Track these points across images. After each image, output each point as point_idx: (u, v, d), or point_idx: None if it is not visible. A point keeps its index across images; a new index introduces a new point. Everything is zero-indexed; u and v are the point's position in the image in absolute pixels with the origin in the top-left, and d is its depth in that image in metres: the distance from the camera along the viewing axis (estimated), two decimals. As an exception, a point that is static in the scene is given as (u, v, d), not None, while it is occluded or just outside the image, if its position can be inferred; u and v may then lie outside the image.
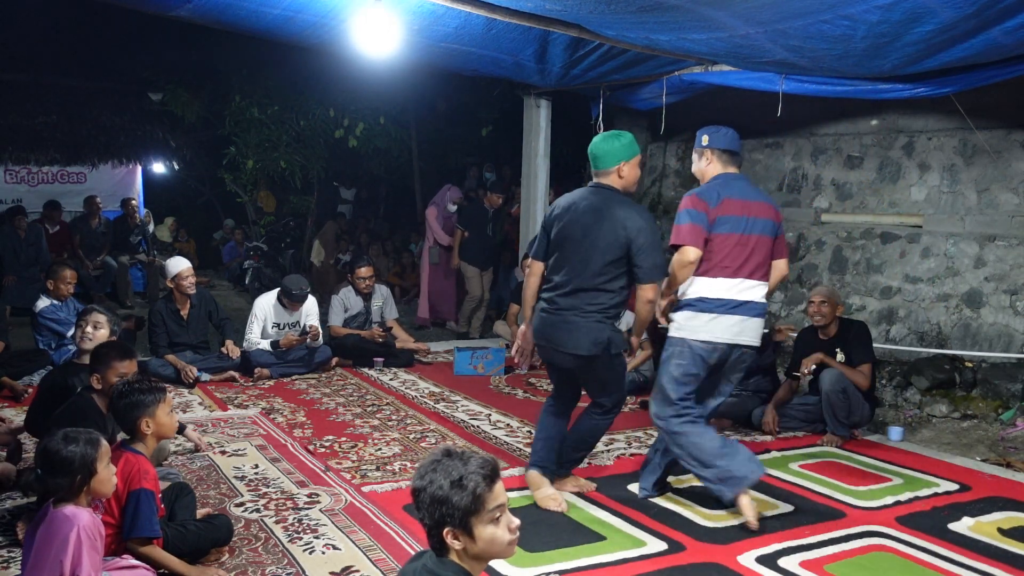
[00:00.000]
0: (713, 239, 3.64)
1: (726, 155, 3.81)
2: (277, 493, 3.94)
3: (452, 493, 1.86)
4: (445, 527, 1.87)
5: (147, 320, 6.47)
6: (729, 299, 3.65)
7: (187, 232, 13.37)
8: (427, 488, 1.88)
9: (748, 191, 3.77)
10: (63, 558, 2.47)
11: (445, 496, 1.86)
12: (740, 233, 3.66)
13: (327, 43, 6.23)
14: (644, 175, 9.33)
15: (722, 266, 3.65)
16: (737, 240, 3.65)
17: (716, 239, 3.64)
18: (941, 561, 3.38)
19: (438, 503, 1.86)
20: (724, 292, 3.65)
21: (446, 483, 1.87)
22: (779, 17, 4.46)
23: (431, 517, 1.88)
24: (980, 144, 6.27)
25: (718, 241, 3.64)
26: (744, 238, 3.66)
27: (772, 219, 3.75)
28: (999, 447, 5.02)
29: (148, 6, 5.69)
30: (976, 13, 3.96)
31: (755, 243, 3.68)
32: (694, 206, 3.66)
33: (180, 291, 6.31)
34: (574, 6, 4.82)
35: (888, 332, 6.85)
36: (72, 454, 2.58)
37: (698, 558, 3.37)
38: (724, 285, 3.65)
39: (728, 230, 3.64)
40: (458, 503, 1.86)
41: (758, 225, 3.70)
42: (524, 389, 6.24)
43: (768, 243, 3.74)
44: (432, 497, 1.87)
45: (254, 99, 10.60)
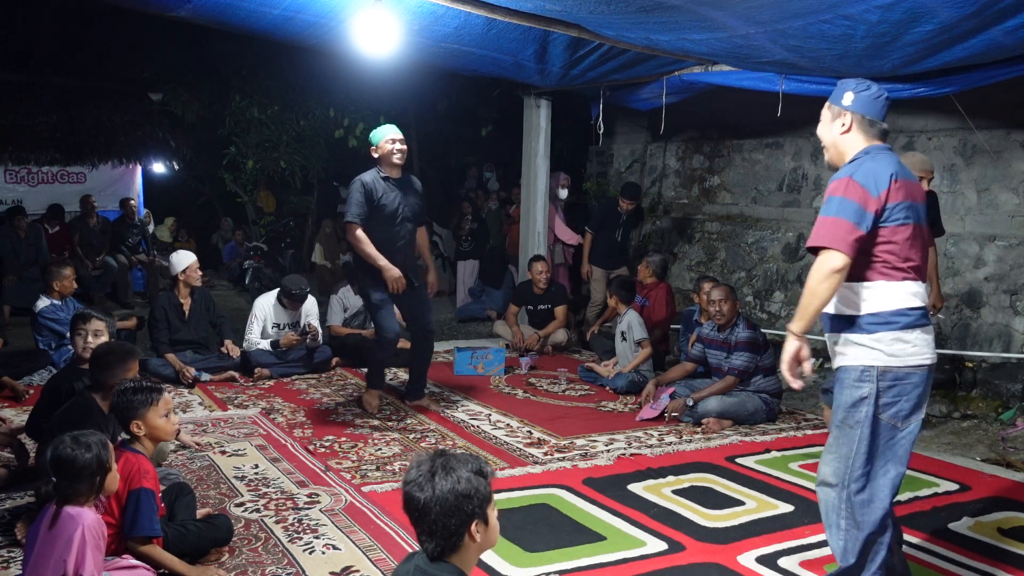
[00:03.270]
0: (891, 234, 2.74)
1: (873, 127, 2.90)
2: (277, 493, 3.94)
3: (478, 483, 1.87)
4: (473, 521, 1.87)
5: (149, 314, 6.47)
6: (923, 308, 2.79)
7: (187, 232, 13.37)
8: (455, 487, 1.85)
9: (906, 170, 2.86)
10: (67, 557, 2.48)
11: (474, 488, 1.86)
12: (914, 224, 2.78)
13: (327, 43, 6.23)
14: (644, 175, 9.35)
15: (911, 268, 2.78)
16: (916, 233, 2.79)
17: (896, 233, 2.74)
18: (941, 561, 3.38)
19: (467, 498, 1.85)
20: (919, 300, 2.78)
21: (471, 475, 1.87)
22: (779, 17, 4.46)
23: (460, 515, 1.85)
24: (980, 144, 6.28)
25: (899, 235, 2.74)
26: (919, 230, 2.81)
27: (923, 202, 2.89)
28: (999, 447, 5.02)
29: (148, 6, 5.70)
30: (976, 13, 3.96)
31: (926, 234, 2.89)
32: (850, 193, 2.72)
33: (189, 283, 6.35)
34: (574, 6, 4.82)
35: (888, 332, 6.85)
36: (89, 460, 2.59)
37: (698, 558, 3.37)
38: (916, 292, 2.78)
39: (904, 219, 2.75)
40: (485, 492, 1.88)
41: (922, 210, 2.85)
42: (524, 389, 6.24)
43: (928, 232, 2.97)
44: (461, 494, 1.85)
45: (254, 99, 10.60)
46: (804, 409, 5.86)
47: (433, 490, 1.86)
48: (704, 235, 8.64)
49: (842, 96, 2.91)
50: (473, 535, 1.88)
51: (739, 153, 8.31)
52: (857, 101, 2.89)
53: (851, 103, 2.89)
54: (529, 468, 4.40)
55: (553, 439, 4.94)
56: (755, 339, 5.27)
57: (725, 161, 8.51)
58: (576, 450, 4.74)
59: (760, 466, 4.55)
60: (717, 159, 8.59)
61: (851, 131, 2.90)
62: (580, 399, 5.98)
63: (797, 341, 2.77)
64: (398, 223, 5.21)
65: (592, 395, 6.10)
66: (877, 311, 2.74)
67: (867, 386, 2.74)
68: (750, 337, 5.25)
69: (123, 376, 3.49)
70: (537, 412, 5.57)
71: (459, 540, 1.88)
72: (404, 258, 5.24)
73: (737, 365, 5.24)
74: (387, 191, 5.17)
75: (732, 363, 5.27)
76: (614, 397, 6.03)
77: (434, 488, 1.86)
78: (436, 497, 1.85)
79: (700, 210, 8.81)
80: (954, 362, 6.24)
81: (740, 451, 4.79)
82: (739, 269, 8.16)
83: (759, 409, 5.32)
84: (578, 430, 5.15)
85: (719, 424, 5.19)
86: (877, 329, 2.73)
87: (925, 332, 2.77)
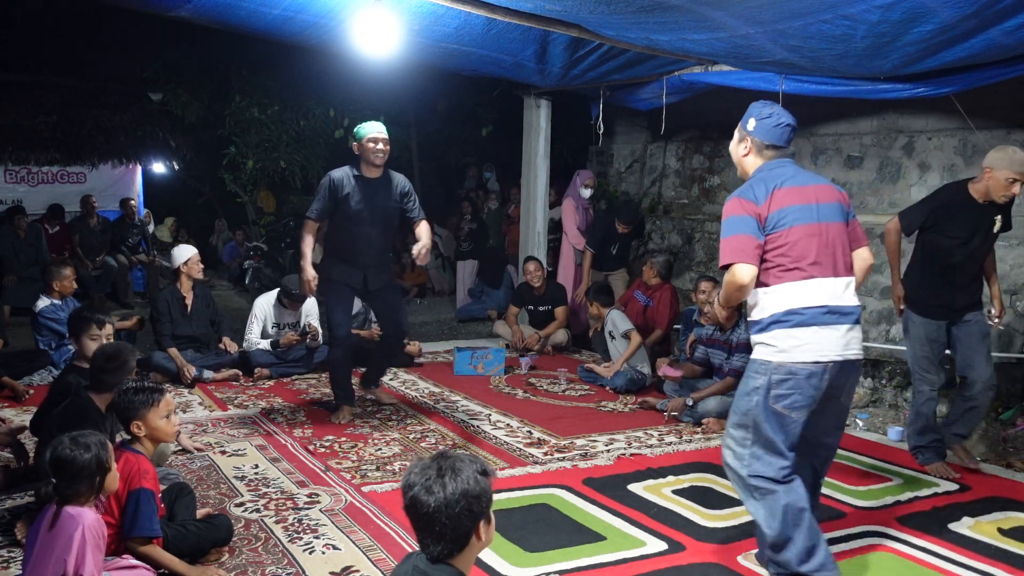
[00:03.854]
0: (783, 236, 2.96)
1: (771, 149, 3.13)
2: (277, 493, 3.94)
3: (485, 483, 1.87)
4: (480, 520, 1.86)
5: (152, 308, 6.46)
6: (829, 306, 2.95)
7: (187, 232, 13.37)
8: (465, 489, 1.83)
9: (802, 175, 3.11)
10: (67, 557, 2.48)
11: (482, 487, 1.86)
12: (813, 223, 2.99)
13: (327, 43, 6.23)
14: (644, 175, 9.34)
15: (807, 264, 2.96)
16: (813, 231, 2.98)
17: (787, 235, 2.96)
18: (941, 561, 3.38)
19: (476, 499, 1.84)
20: (821, 296, 2.95)
21: (477, 475, 1.87)
22: (779, 17, 4.46)
23: (470, 517, 1.84)
24: (980, 144, 6.27)
25: (791, 236, 2.96)
26: (819, 228, 2.99)
27: (838, 202, 3.09)
28: (999, 447, 5.01)
29: (148, 6, 5.69)
30: (976, 13, 3.96)
31: (834, 232, 3.03)
32: (738, 211, 3.02)
33: (191, 275, 6.36)
34: (574, 6, 4.82)
35: (888, 332, 6.85)
36: (88, 461, 2.59)
37: (698, 558, 3.37)
38: (817, 287, 2.96)
39: (796, 220, 2.97)
40: (490, 491, 1.89)
41: (828, 211, 3.03)
42: (524, 389, 6.24)
43: (844, 231, 3.08)
44: (467, 495, 1.83)
45: (254, 99, 10.60)
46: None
47: (444, 493, 1.83)
48: (704, 235, 8.63)
49: (748, 120, 3.15)
50: (480, 535, 1.88)
51: (739, 153, 8.30)
52: (758, 128, 3.13)
53: (752, 129, 3.14)
54: (529, 468, 4.40)
55: (553, 439, 4.94)
56: None
57: (725, 161, 8.50)
58: (576, 450, 4.74)
59: (760, 466, 4.54)
60: (717, 159, 8.59)
61: (750, 154, 3.16)
62: (580, 399, 5.98)
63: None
64: (363, 224, 4.99)
65: (592, 395, 6.10)
66: (772, 312, 2.99)
67: (761, 378, 2.99)
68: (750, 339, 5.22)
69: (122, 376, 3.49)
70: (537, 412, 5.57)
71: (467, 541, 1.87)
72: (367, 260, 5.06)
73: (737, 366, 5.23)
74: (357, 190, 4.96)
75: (732, 364, 5.28)
76: (614, 397, 6.04)
77: (444, 490, 1.83)
78: (447, 499, 1.82)
79: (700, 210, 8.80)
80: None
81: (740, 451, 4.78)
82: (739, 269, 8.15)
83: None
84: (578, 430, 5.15)
85: (719, 424, 5.19)
86: (773, 328, 2.99)
87: (825, 329, 2.93)
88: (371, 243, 5.04)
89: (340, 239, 5.05)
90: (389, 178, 5.09)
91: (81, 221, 10.15)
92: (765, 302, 3.02)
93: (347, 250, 5.04)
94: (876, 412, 5.78)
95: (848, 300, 3.01)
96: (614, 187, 9.25)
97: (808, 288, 2.95)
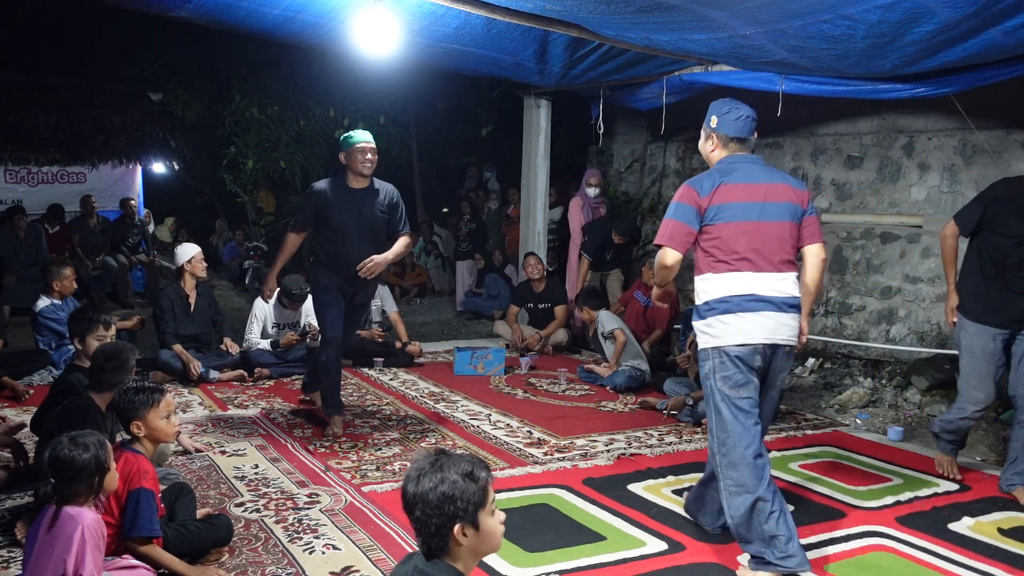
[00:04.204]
0: (717, 230, 3.21)
1: (735, 142, 3.37)
2: (277, 493, 3.94)
3: (466, 487, 1.87)
4: (456, 523, 1.87)
5: (155, 306, 6.46)
6: (755, 295, 3.19)
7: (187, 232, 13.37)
8: (437, 487, 1.87)
9: (758, 172, 3.30)
10: (66, 557, 2.48)
11: (461, 491, 1.87)
12: (750, 221, 3.21)
13: (327, 43, 6.23)
14: (644, 175, 9.34)
15: (738, 259, 3.20)
16: (748, 229, 3.20)
17: (721, 230, 3.20)
18: (941, 561, 3.38)
19: (450, 500, 1.86)
20: (748, 287, 3.19)
21: (458, 478, 1.88)
22: (779, 17, 4.46)
23: (441, 516, 1.86)
24: (980, 144, 6.27)
25: (725, 232, 3.20)
26: (756, 226, 3.21)
27: (791, 201, 3.27)
28: (999, 447, 5.02)
29: (148, 6, 5.70)
30: (976, 13, 3.96)
31: (774, 231, 3.23)
32: (681, 198, 3.27)
33: (194, 273, 6.35)
34: (574, 6, 4.82)
35: (888, 332, 6.85)
36: (87, 461, 2.58)
37: (698, 558, 3.37)
38: (746, 279, 3.19)
39: (731, 218, 3.20)
40: (471, 497, 1.88)
41: (774, 210, 3.24)
42: (524, 389, 6.24)
43: (789, 230, 3.27)
44: (443, 495, 1.86)
45: (254, 99, 10.61)
46: (804, 409, 5.86)
47: (418, 487, 1.89)
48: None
49: (710, 119, 3.40)
50: (457, 538, 1.88)
51: (739, 153, 8.30)
52: (721, 123, 3.37)
53: (716, 125, 3.38)
54: (529, 468, 4.40)
55: (553, 439, 4.94)
56: None
57: (725, 161, 8.49)
58: (576, 450, 4.74)
59: (760, 466, 4.54)
60: (717, 159, 8.59)
61: (717, 148, 3.40)
62: (580, 399, 5.98)
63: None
64: (350, 236, 4.83)
65: (592, 395, 6.10)
66: (707, 299, 3.27)
67: (708, 363, 3.28)
68: None
69: (122, 376, 3.49)
70: (537, 412, 5.57)
71: (443, 541, 1.89)
72: (354, 273, 4.83)
73: None
74: (341, 202, 4.80)
75: None
76: (614, 397, 6.04)
77: (419, 485, 1.89)
78: (419, 494, 1.88)
79: (700, 210, 8.80)
80: (954, 362, 6.23)
81: (740, 451, 4.78)
82: (739, 269, 8.16)
83: None
84: (578, 430, 5.15)
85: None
86: (708, 315, 3.26)
87: (749, 314, 3.18)
88: (359, 254, 4.82)
89: (327, 251, 4.91)
90: (376, 188, 4.92)
91: (81, 221, 10.15)
92: (702, 288, 3.30)
93: (335, 261, 4.88)
94: (876, 412, 5.77)
95: (779, 291, 3.21)
96: (614, 187, 9.26)
97: (734, 280, 3.20)
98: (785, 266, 3.25)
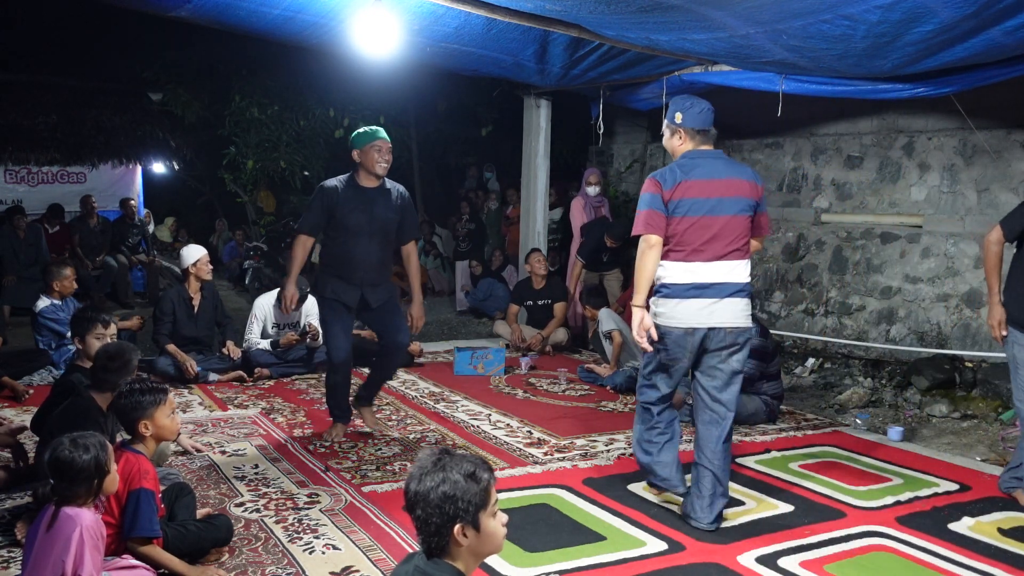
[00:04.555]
0: (674, 223, 3.56)
1: (699, 133, 3.66)
2: (277, 493, 3.94)
3: (468, 487, 1.88)
4: (456, 523, 1.87)
5: (155, 307, 6.45)
6: (693, 283, 3.56)
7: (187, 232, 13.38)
8: (439, 486, 1.87)
9: (719, 167, 3.62)
10: (65, 558, 2.48)
11: (462, 491, 1.87)
12: (705, 215, 3.54)
13: (327, 43, 6.23)
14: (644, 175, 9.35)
15: (685, 250, 3.56)
16: (703, 223, 3.54)
17: (678, 223, 3.56)
18: (941, 561, 3.38)
19: (450, 500, 1.86)
20: (688, 276, 3.56)
21: (460, 478, 1.88)
22: (779, 17, 4.46)
23: (441, 515, 1.87)
24: (980, 144, 6.28)
25: (681, 224, 3.56)
26: (710, 220, 3.54)
27: (747, 196, 3.61)
28: (999, 447, 5.01)
29: (148, 6, 5.70)
30: (976, 13, 3.96)
31: (725, 224, 3.56)
32: (648, 189, 3.62)
33: (199, 276, 6.32)
34: (574, 6, 4.82)
35: (888, 332, 6.85)
36: (87, 462, 2.58)
37: (698, 558, 3.37)
38: (687, 269, 3.56)
39: (688, 212, 3.54)
40: (472, 498, 1.88)
41: (729, 204, 3.57)
42: (524, 389, 6.24)
43: (742, 223, 3.61)
44: (444, 495, 1.87)
45: (254, 99, 10.60)
46: (804, 409, 5.86)
47: (419, 485, 1.89)
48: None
49: (674, 116, 3.69)
50: (457, 538, 1.88)
51: (739, 153, 8.31)
52: (686, 118, 3.66)
53: (681, 121, 3.66)
54: (529, 468, 4.40)
55: (553, 439, 4.94)
56: (764, 347, 5.18)
57: (725, 161, 8.50)
58: (576, 450, 4.74)
59: (760, 466, 4.55)
60: (717, 159, 8.59)
61: (684, 142, 3.70)
62: (580, 399, 5.98)
63: (640, 312, 3.60)
64: (360, 237, 4.60)
65: (592, 395, 6.10)
66: (661, 283, 3.66)
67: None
68: (759, 346, 5.11)
69: (125, 376, 3.49)
70: (537, 412, 5.57)
71: (443, 540, 1.89)
72: (365, 276, 4.63)
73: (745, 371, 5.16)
74: (353, 201, 4.57)
75: None
76: (614, 397, 6.03)
77: (421, 484, 1.89)
78: (421, 493, 1.89)
79: (700, 210, 8.81)
80: (954, 362, 6.24)
81: (740, 451, 4.78)
82: (739, 269, 8.16)
83: (759, 411, 5.30)
84: (578, 430, 5.15)
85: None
86: (656, 296, 3.68)
87: (687, 301, 3.58)
88: (369, 257, 4.62)
89: (335, 254, 4.66)
90: (387, 188, 4.69)
91: (81, 221, 10.15)
92: (659, 273, 3.67)
93: (343, 266, 4.62)
94: (876, 412, 5.78)
95: (723, 278, 3.58)
96: (614, 187, 9.26)
97: (683, 268, 3.59)
98: (734, 255, 3.60)
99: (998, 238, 4.04)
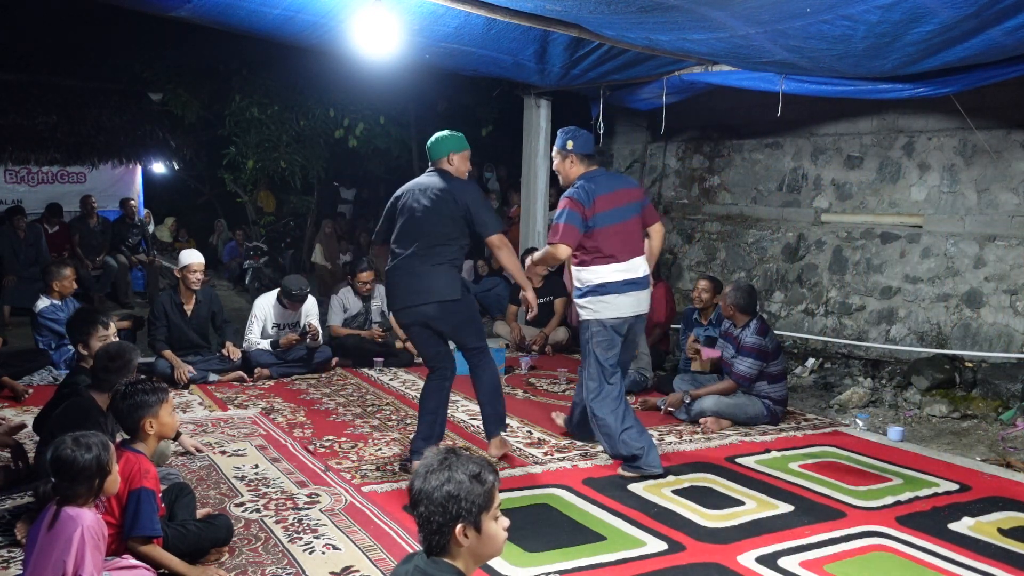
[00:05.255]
0: (596, 234, 4.19)
1: (587, 157, 4.35)
2: (277, 493, 3.94)
3: (472, 488, 1.88)
4: (458, 523, 1.87)
5: (149, 312, 6.44)
6: (625, 280, 4.24)
7: (187, 232, 13.37)
8: (443, 485, 1.88)
9: (611, 182, 4.33)
10: (66, 558, 2.47)
11: (466, 491, 1.88)
12: (617, 223, 4.23)
13: (327, 43, 6.23)
14: (644, 175, 9.36)
15: (612, 254, 4.22)
16: (616, 230, 4.22)
17: (599, 233, 4.19)
18: (941, 561, 3.38)
19: (454, 499, 1.87)
20: (620, 275, 4.23)
21: (465, 478, 1.88)
22: (779, 17, 4.46)
23: (444, 514, 1.87)
24: (980, 144, 6.28)
25: (602, 235, 4.19)
26: (621, 226, 4.24)
27: (635, 200, 4.34)
28: (999, 447, 5.02)
29: (148, 6, 5.70)
30: (976, 13, 3.96)
31: (630, 227, 4.30)
32: (572, 208, 4.19)
33: (186, 284, 6.26)
34: (574, 6, 4.82)
35: (888, 332, 6.85)
36: (89, 462, 2.58)
37: (698, 558, 3.37)
38: (618, 269, 4.23)
39: (605, 223, 4.20)
40: (475, 499, 1.88)
41: (627, 210, 4.29)
42: (524, 389, 6.24)
43: (638, 221, 4.34)
44: (448, 494, 1.87)
45: (254, 99, 10.61)
46: (804, 409, 5.86)
47: (424, 483, 1.90)
48: (704, 235, 8.64)
49: (565, 144, 4.37)
50: (458, 538, 1.88)
51: (739, 153, 8.31)
52: (576, 145, 4.35)
53: (572, 148, 4.35)
54: (529, 468, 4.40)
55: (553, 439, 4.94)
56: (763, 346, 5.13)
57: (725, 161, 8.51)
58: (576, 450, 4.74)
59: (760, 466, 4.55)
60: (717, 159, 8.59)
61: (576, 166, 4.36)
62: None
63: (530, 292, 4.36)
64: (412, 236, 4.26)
65: (592, 395, 6.09)
66: (588, 284, 4.27)
67: (588, 332, 4.34)
68: (757, 344, 5.11)
69: (125, 376, 3.49)
70: (537, 412, 5.57)
71: (444, 540, 1.89)
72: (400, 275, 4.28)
73: (741, 371, 5.13)
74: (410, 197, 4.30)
75: (737, 368, 5.19)
76: (614, 397, 6.02)
77: (426, 482, 1.90)
78: (425, 491, 1.89)
79: (700, 210, 8.81)
80: (954, 362, 6.24)
81: (740, 451, 4.79)
82: (739, 269, 8.16)
83: (760, 414, 5.26)
84: (578, 430, 5.14)
85: (718, 424, 5.18)
86: (588, 296, 4.29)
87: (622, 296, 4.24)
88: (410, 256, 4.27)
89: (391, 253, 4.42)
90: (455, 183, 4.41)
91: (81, 221, 10.15)
92: (583, 277, 4.30)
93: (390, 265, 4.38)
94: (876, 412, 5.78)
95: (640, 273, 4.30)
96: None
97: (609, 269, 4.23)
98: (640, 251, 4.36)
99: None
